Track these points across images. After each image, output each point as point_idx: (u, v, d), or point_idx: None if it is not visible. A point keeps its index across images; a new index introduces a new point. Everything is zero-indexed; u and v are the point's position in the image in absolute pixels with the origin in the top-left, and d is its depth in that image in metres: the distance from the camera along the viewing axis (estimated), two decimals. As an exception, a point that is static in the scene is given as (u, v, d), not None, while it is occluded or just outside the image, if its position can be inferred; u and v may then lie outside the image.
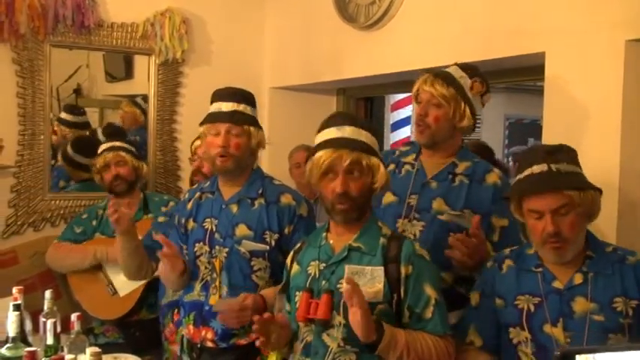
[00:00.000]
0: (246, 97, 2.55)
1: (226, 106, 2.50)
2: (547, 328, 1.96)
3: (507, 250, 2.17)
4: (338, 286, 1.99)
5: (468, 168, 2.41)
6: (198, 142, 3.26)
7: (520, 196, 2.01)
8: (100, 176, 3.54)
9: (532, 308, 2.00)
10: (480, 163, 2.44)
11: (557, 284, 1.99)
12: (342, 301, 1.95)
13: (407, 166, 2.51)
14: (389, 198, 2.48)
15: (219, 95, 2.54)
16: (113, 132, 4.06)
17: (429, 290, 1.97)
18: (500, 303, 2.07)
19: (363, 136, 2.03)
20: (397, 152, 2.60)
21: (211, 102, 2.56)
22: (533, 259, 2.06)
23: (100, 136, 4.10)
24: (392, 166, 2.53)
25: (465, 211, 2.34)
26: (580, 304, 1.95)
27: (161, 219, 3.16)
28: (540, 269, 2.03)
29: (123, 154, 3.52)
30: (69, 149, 4.00)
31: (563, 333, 1.94)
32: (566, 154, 2.00)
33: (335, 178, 1.99)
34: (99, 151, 3.57)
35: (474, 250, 2.23)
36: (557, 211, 1.93)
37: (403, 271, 1.97)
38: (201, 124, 2.55)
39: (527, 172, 1.99)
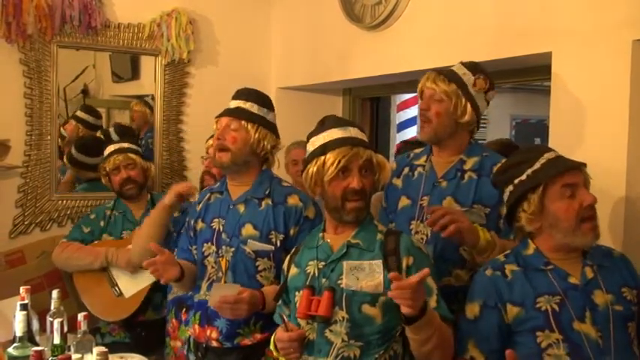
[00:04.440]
0: (259, 97, 2.57)
1: (234, 104, 2.55)
2: (576, 325, 1.91)
3: (501, 256, 2.11)
4: (338, 282, 2.00)
5: (475, 163, 2.41)
6: (211, 142, 3.23)
7: (555, 174, 1.97)
8: (109, 179, 3.53)
9: (556, 308, 1.94)
10: (488, 157, 2.43)
11: (572, 280, 1.96)
12: (344, 297, 1.98)
13: (419, 169, 2.51)
14: (404, 202, 2.49)
15: (234, 95, 2.59)
16: (125, 131, 4.07)
17: (430, 281, 1.99)
18: (517, 310, 1.98)
19: (365, 137, 2.11)
20: (411, 155, 2.61)
21: None
22: (539, 258, 2.02)
23: (114, 135, 4.09)
24: (406, 170, 2.55)
25: (474, 206, 2.34)
26: (600, 297, 1.94)
27: (176, 214, 3.18)
28: (550, 267, 2.00)
29: (132, 156, 3.51)
30: (73, 150, 4.01)
31: (592, 328, 1.90)
32: None
33: (348, 176, 2.02)
34: (106, 152, 3.54)
35: (452, 213, 2.22)
36: (585, 186, 1.99)
37: (404, 262, 1.99)
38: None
39: (541, 160, 2.00)
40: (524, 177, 2.02)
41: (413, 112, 5.72)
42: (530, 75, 3.12)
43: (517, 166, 2.05)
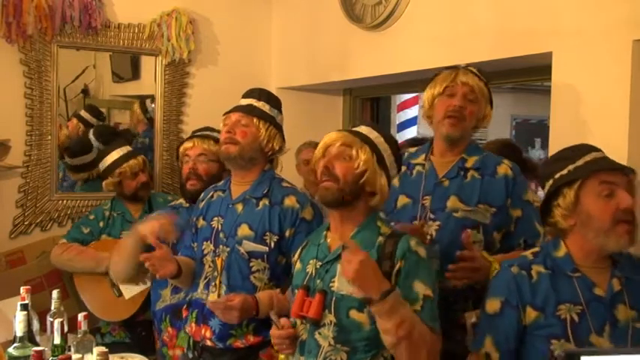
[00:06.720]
0: (270, 98, 2.59)
1: (245, 101, 2.56)
2: (593, 338, 1.85)
3: (530, 254, 2.03)
4: (331, 284, 1.99)
5: (477, 161, 2.41)
6: (189, 144, 3.13)
7: (593, 172, 1.89)
8: (120, 182, 3.51)
9: (576, 318, 1.88)
10: (488, 156, 2.44)
11: (598, 291, 1.89)
12: (334, 300, 1.97)
13: (418, 167, 2.49)
14: (403, 200, 2.47)
15: (245, 93, 2.60)
16: (105, 132, 4.06)
17: (418, 287, 1.92)
18: (536, 315, 1.92)
19: (374, 135, 2.06)
20: (405, 154, 2.58)
21: None
22: (568, 263, 1.94)
23: (92, 138, 4.06)
24: (403, 169, 2.53)
25: (479, 206, 2.34)
26: (622, 312, 1.88)
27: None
28: (578, 274, 1.92)
29: (141, 159, 3.56)
30: (65, 158, 4.00)
31: (609, 343, 1.85)
32: None
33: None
34: (115, 158, 3.52)
35: (475, 267, 2.22)
36: (627, 190, 1.88)
37: (397, 266, 1.94)
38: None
39: (586, 158, 1.93)
40: (565, 172, 1.95)
41: (413, 112, 5.73)
42: (530, 75, 3.12)
43: (561, 161, 1.98)
